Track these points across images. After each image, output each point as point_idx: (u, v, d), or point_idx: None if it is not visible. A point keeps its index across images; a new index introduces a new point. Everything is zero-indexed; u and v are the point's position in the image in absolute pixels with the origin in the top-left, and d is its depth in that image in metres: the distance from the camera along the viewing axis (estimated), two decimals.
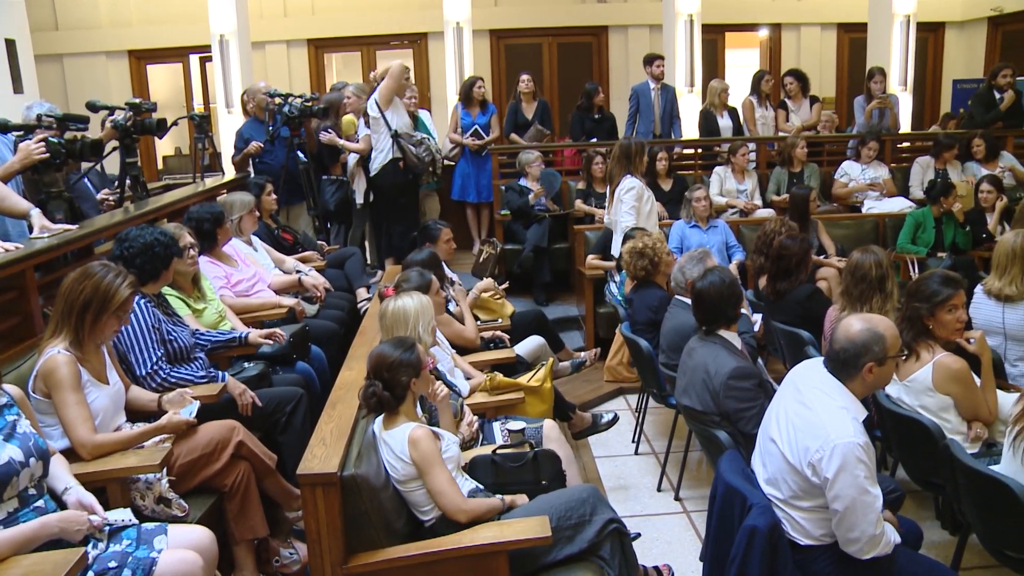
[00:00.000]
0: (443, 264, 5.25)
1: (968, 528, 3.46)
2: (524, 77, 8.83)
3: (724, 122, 8.88)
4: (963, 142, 8.32)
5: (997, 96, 8.93)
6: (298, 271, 5.69)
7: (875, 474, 2.77)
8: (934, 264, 6.59)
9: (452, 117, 8.80)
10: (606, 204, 6.59)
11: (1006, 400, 3.75)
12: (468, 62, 10.59)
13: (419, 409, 3.36)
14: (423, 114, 8.25)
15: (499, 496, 3.26)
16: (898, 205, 7.91)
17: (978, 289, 4.69)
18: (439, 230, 5.65)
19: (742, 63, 13.48)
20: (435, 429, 3.21)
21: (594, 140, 8.71)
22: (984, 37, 13.54)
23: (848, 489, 2.70)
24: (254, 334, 4.38)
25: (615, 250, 6.30)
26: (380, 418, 3.19)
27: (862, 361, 2.85)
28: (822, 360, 3.03)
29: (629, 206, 6.13)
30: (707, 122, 8.90)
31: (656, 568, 3.71)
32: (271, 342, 4.39)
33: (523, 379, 4.41)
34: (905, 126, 10.14)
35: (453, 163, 8.53)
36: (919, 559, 3.03)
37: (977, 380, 3.76)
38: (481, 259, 7.70)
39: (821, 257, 6.67)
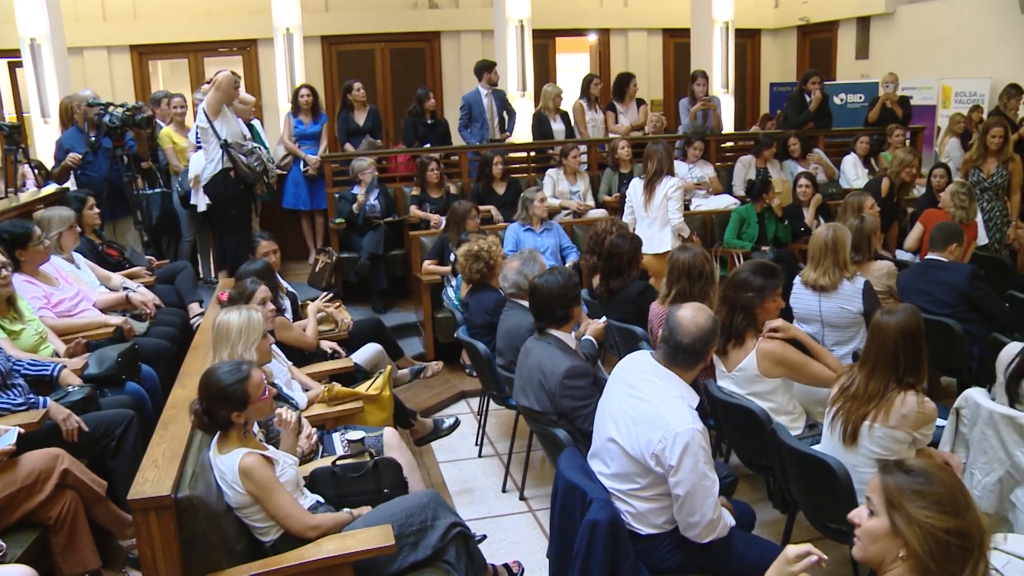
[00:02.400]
0: (276, 274, 5.15)
1: (796, 505, 3.67)
2: (356, 85, 8.74)
3: (557, 126, 9.02)
4: (780, 141, 8.78)
5: (807, 99, 9.49)
6: (125, 288, 5.45)
7: (712, 460, 2.91)
8: (758, 257, 6.88)
9: (285, 125, 8.63)
10: (643, 202, 6.51)
11: None
12: (299, 69, 10.41)
13: (255, 427, 3.28)
14: (255, 123, 8.05)
15: (346, 509, 3.24)
16: (723, 202, 8.24)
17: (796, 280, 4.94)
18: (259, 243, 5.50)
19: (572, 67, 13.82)
20: (269, 452, 3.15)
21: (427, 145, 8.72)
22: (795, 44, 14.43)
23: (690, 475, 2.82)
24: (66, 372, 4.10)
25: (666, 246, 6.29)
26: (215, 439, 3.10)
27: (710, 346, 3.02)
28: (650, 352, 3.15)
29: (678, 203, 6.23)
30: (540, 125, 9.03)
31: (506, 565, 3.73)
32: (78, 385, 4.06)
33: (361, 388, 4.39)
34: (728, 127, 10.64)
35: (285, 172, 8.37)
36: (753, 540, 3.18)
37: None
38: (317, 269, 7.58)
39: None
